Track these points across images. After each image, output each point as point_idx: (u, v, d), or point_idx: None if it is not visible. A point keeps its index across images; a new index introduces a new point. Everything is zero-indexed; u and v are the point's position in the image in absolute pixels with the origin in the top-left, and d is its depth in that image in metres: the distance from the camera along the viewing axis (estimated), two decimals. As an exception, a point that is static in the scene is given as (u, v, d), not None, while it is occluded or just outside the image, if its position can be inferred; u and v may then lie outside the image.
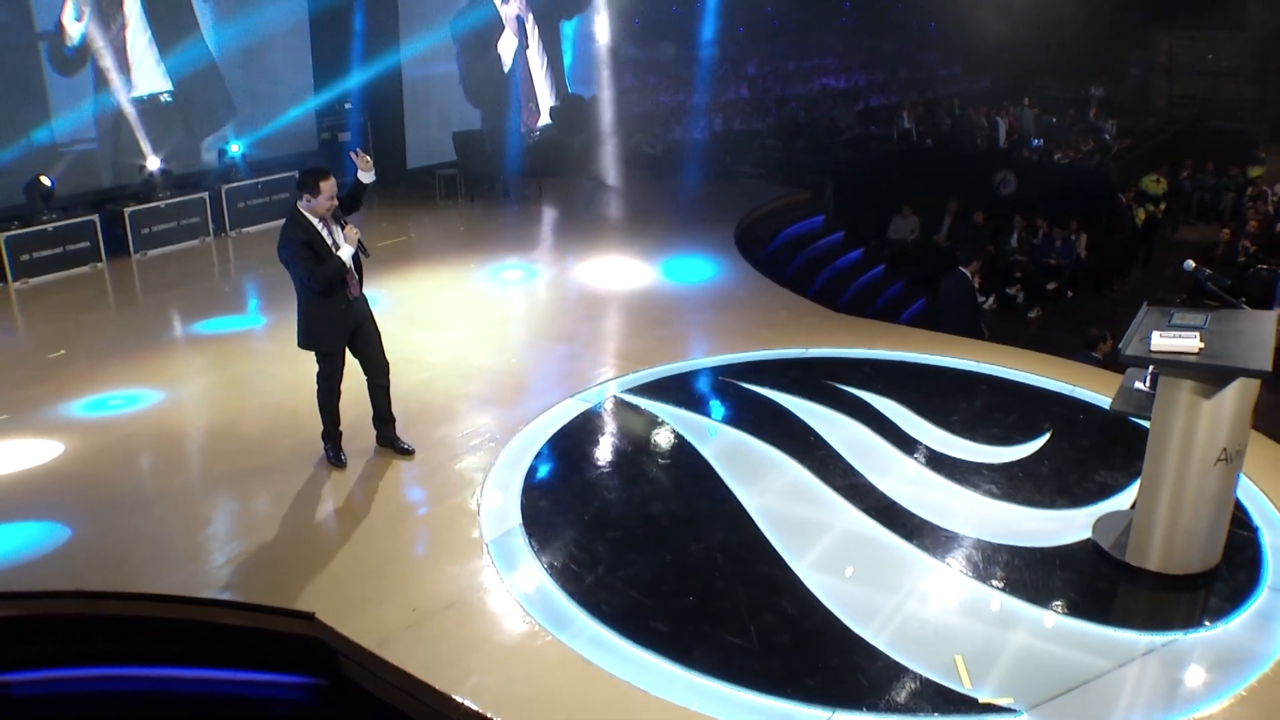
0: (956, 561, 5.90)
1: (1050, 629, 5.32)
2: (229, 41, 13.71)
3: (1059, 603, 5.51)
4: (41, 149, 11.98)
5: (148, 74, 12.93)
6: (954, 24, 21.55)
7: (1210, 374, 5.24)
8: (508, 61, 17.20)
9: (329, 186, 6.56)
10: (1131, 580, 5.75)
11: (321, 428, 7.15)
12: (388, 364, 7.16)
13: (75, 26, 12.13)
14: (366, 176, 6.90)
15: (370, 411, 7.27)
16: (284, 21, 14.32)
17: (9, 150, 11.60)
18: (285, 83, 14.46)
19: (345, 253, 6.62)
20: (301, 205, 6.60)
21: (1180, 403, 5.36)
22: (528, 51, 17.59)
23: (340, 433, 7.17)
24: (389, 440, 7.33)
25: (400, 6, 15.56)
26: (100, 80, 12.50)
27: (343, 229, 6.70)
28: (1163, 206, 16.67)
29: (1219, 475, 5.45)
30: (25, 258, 11.29)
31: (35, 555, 6.05)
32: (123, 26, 12.57)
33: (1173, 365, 5.28)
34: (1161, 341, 5.28)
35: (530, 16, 17.45)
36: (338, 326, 6.84)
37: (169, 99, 13.24)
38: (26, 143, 11.75)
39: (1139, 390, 5.66)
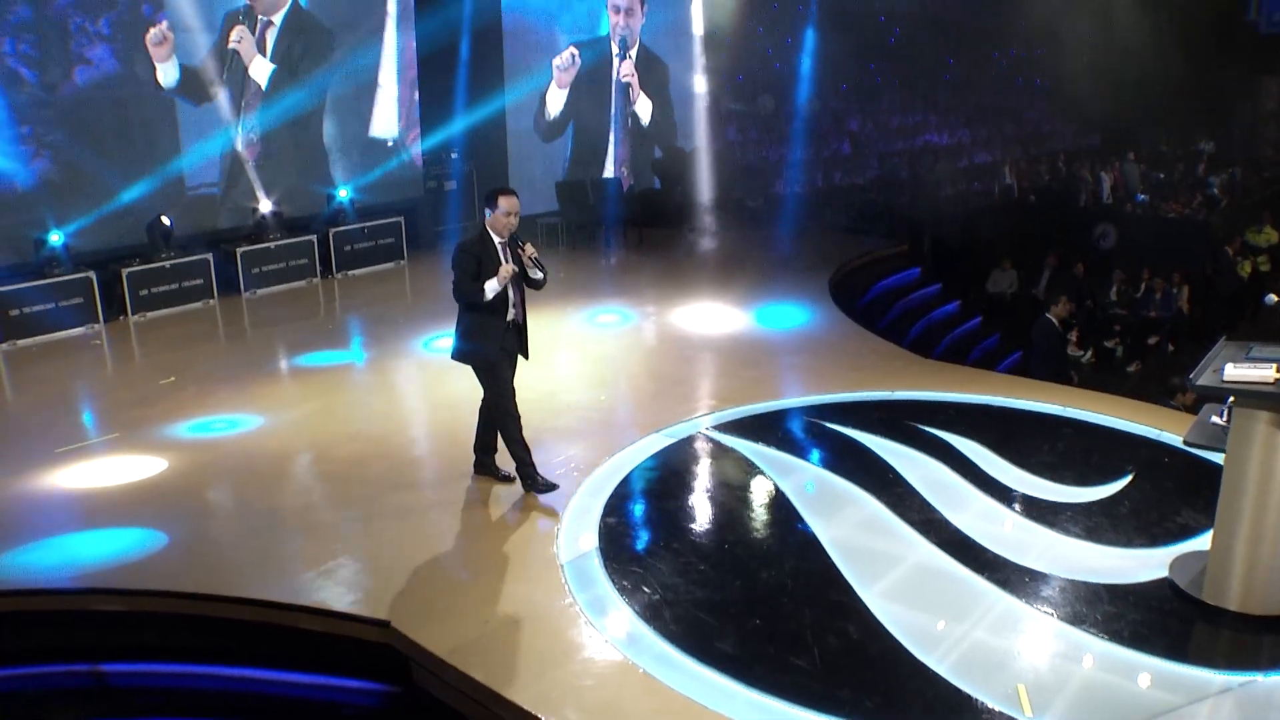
0: (1026, 595, 5.85)
1: (1118, 663, 5.25)
2: (339, 86, 14.29)
3: (1129, 637, 5.43)
4: (164, 190, 12.64)
5: (266, 116, 13.57)
6: (1060, 80, 21.37)
7: (1288, 403, 5.16)
8: (612, 115, 17.61)
9: (507, 203, 6.73)
10: (1209, 619, 5.63)
11: (513, 461, 7.16)
12: (513, 395, 7.17)
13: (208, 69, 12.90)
14: (534, 273, 6.92)
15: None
16: (391, 70, 14.86)
17: (133, 190, 12.29)
18: (391, 129, 14.98)
19: (490, 286, 6.69)
20: (486, 221, 6.83)
21: (1256, 434, 5.28)
22: (632, 107, 17.96)
23: (531, 462, 7.16)
24: (489, 468, 7.42)
25: (506, 57, 16.09)
26: (222, 124, 13.18)
27: (521, 249, 6.83)
28: (1268, 259, 16.19)
29: (1300, 511, 5.34)
30: (144, 292, 12.01)
31: (137, 557, 6.45)
32: (244, 72, 13.25)
33: (1248, 395, 5.21)
34: (1235, 371, 5.22)
35: (636, 76, 17.84)
36: (493, 338, 6.90)
37: (281, 142, 13.82)
38: (152, 184, 12.44)
39: (1214, 424, 5.59)
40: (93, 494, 7.41)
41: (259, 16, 13.21)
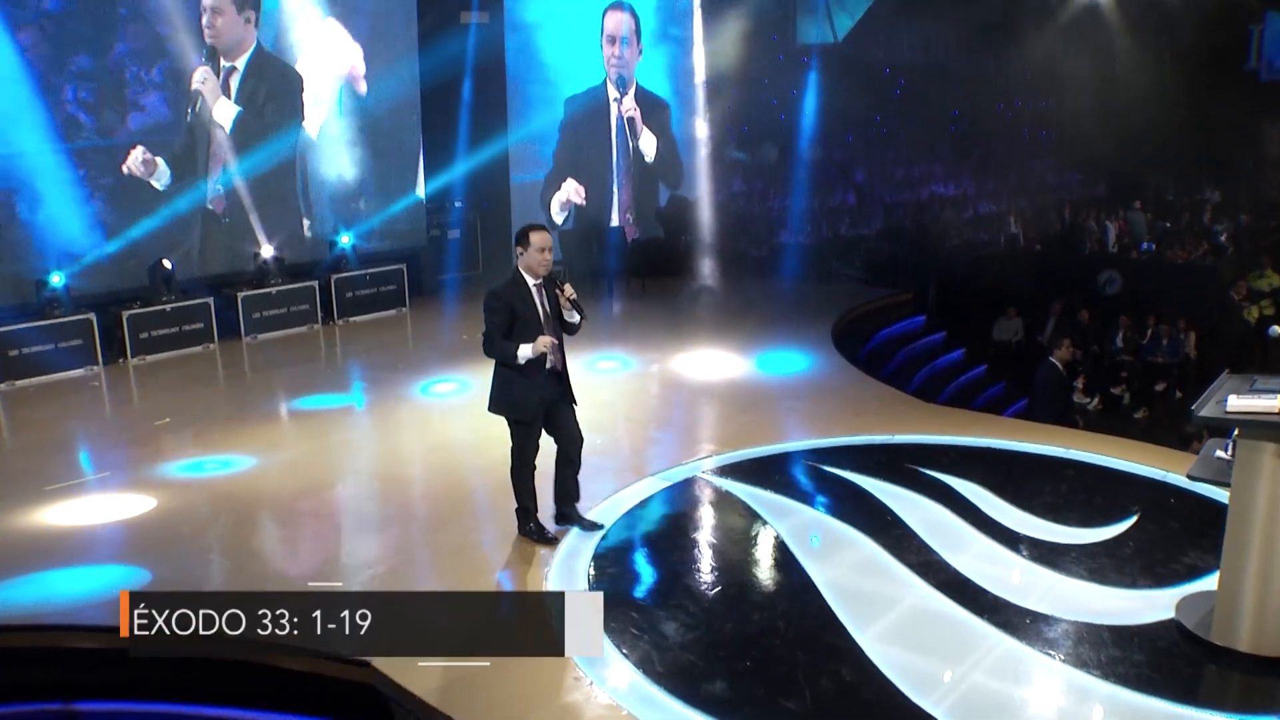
0: (1028, 637, 5.67)
1: (1125, 707, 5.07)
2: (336, 134, 14.34)
3: (1136, 680, 5.24)
4: (165, 233, 12.65)
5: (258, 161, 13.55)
6: (1065, 130, 21.45)
7: (1294, 433, 5.01)
8: (614, 156, 17.64)
9: (539, 238, 6.37)
10: (1219, 661, 5.43)
11: (515, 504, 6.87)
12: (582, 439, 6.87)
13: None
14: (570, 317, 6.60)
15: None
16: (394, 116, 14.94)
17: (132, 234, 12.32)
18: (395, 175, 15.00)
19: (524, 351, 6.34)
20: (518, 262, 6.46)
21: (1263, 466, 5.12)
22: (636, 143, 17.97)
23: (535, 510, 6.87)
24: (571, 518, 7.02)
25: (509, 104, 16.12)
26: (219, 167, 13.21)
27: (559, 290, 6.50)
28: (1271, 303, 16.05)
29: (1311, 546, 5.17)
30: (144, 335, 11.95)
31: (113, 595, 6.18)
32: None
33: (1253, 425, 5.06)
34: (1239, 402, 5.09)
35: (638, 111, 17.89)
36: (533, 396, 6.54)
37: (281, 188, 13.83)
38: (153, 226, 12.48)
39: (1219, 458, 5.44)
40: (78, 531, 7.31)
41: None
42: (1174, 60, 18.65)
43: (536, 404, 6.59)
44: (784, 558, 6.73)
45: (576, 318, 6.63)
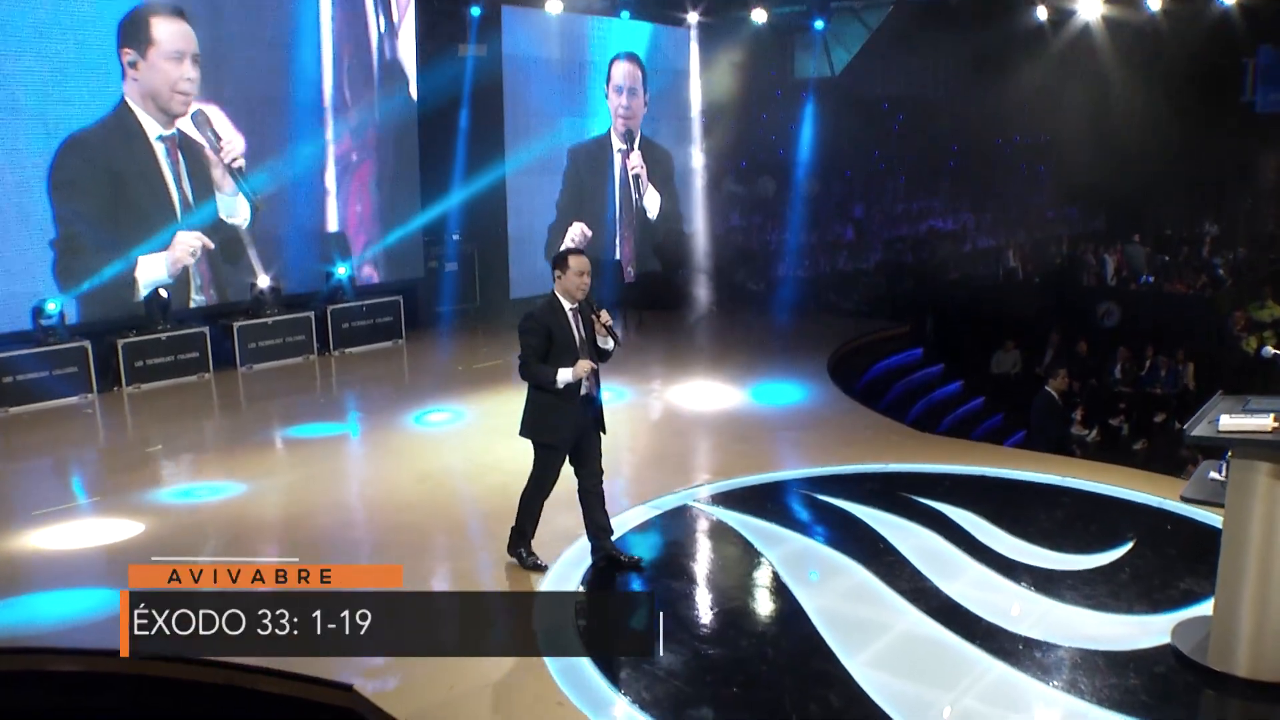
0: (1020, 662, 5.57)
1: (1118, 732, 4.96)
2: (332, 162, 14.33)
3: (1131, 706, 5.13)
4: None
5: (228, 203, 13.36)
6: (1064, 165, 21.50)
7: (1288, 451, 4.93)
8: (617, 210, 17.72)
9: (578, 262, 6.33)
10: (1216, 686, 5.32)
11: (514, 523, 6.75)
12: (602, 470, 6.72)
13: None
14: (604, 343, 6.50)
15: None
16: (392, 149, 14.96)
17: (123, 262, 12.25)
18: (392, 207, 14.97)
19: (563, 376, 6.27)
20: (555, 286, 6.41)
21: (1257, 487, 5.04)
22: (641, 201, 18.06)
23: (531, 536, 6.74)
24: (608, 551, 6.79)
25: (506, 136, 16.14)
26: (216, 195, 13.14)
27: (595, 316, 6.43)
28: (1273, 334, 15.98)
29: (1308, 567, 5.07)
30: (139, 364, 11.90)
31: (97, 618, 6.20)
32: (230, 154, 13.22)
33: (1245, 444, 4.99)
34: (1231, 421, 5.02)
35: (645, 169, 17.97)
36: (567, 422, 6.44)
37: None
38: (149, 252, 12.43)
39: (1213, 479, 5.37)
40: (64, 556, 7.26)
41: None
42: (1170, 94, 18.73)
43: (570, 430, 6.49)
44: (774, 585, 6.64)
45: (611, 344, 6.54)
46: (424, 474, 9.04)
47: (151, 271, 12.53)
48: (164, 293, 12.21)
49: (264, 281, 13.31)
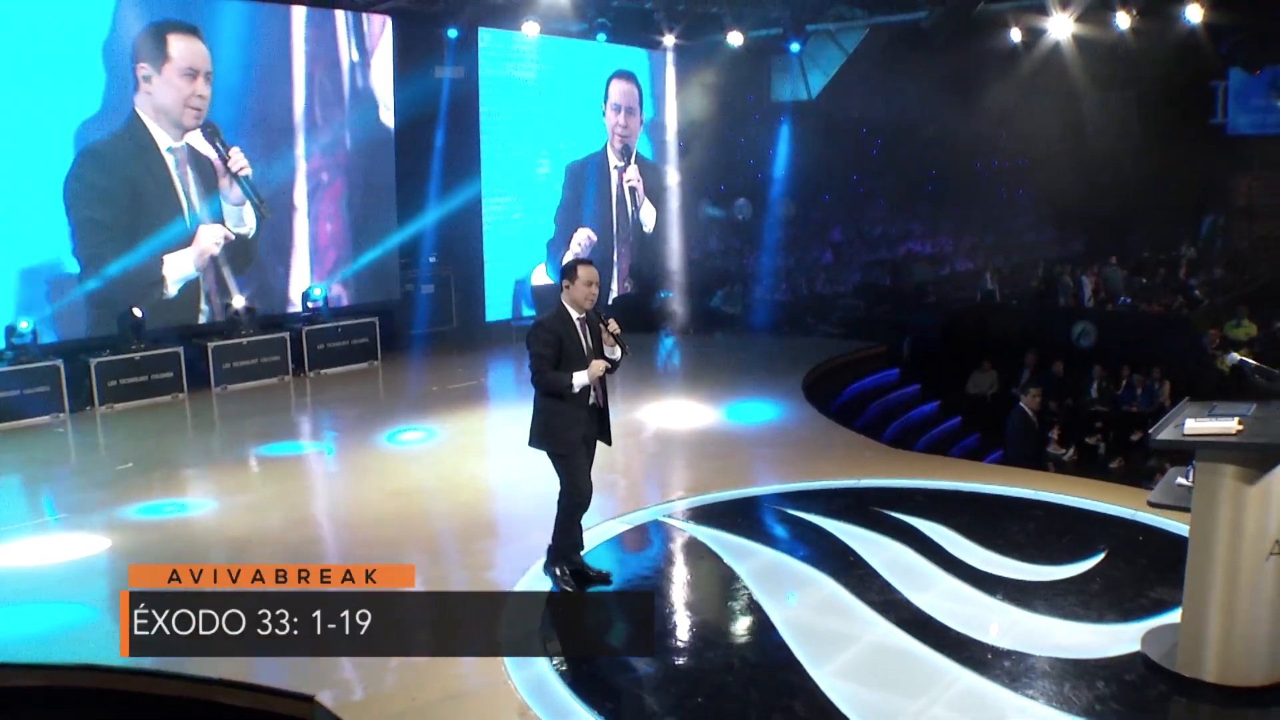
0: (989, 671, 5.50)
1: (1087, 739, 4.90)
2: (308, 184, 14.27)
3: (1100, 713, 5.08)
4: (137, 282, 12.49)
5: (235, 213, 13.43)
6: (1041, 189, 21.65)
7: (1252, 454, 4.89)
8: (614, 226, 17.74)
9: (587, 272, 6.30)
10: (1186, 693, 5.27)
11: (550, 543, 6.63)
12: (591, 489, 6.66)
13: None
14: (611, 353, 6.46)
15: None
16: (369, 170, 14.91)
17: (99, 279, 12.16)
18: (368, 227, 14.90)
19: (579, 379, 6.26)
20: (563, 296, 6.39)
21: (1222, 490, 5.00)
22: (637, 214, 18.09)
23: (571, 552, 6.62)
24: (577, 566, 6.70)
25: (483, 161, 16.09)
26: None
27: (604, 325, 6.39)
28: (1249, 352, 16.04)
29: (1275, 571, 5.02)
30: (113, 383, 11.76)
31: (63, 632, 6.21)
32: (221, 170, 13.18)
33: (1209, 448, 4.96)
34: (1196, 425, 4.98)
35: (641, 182, 17.99)
36: (574, 429, 6.42)
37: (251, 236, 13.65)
38: (124, 272, 12.30)
39: (1180, 484, 5.33)
40: (28, 571, 7.18)
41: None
42: (1144, 116, 18.91)
43: (577, 438, 6.46)
44: (741, 597, 6.58)
45: (618, 353, 6.50)
46: (396, 490, 8.96)
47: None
48: (138, 312, 12.04)
49: (239, 302, 13.21)
